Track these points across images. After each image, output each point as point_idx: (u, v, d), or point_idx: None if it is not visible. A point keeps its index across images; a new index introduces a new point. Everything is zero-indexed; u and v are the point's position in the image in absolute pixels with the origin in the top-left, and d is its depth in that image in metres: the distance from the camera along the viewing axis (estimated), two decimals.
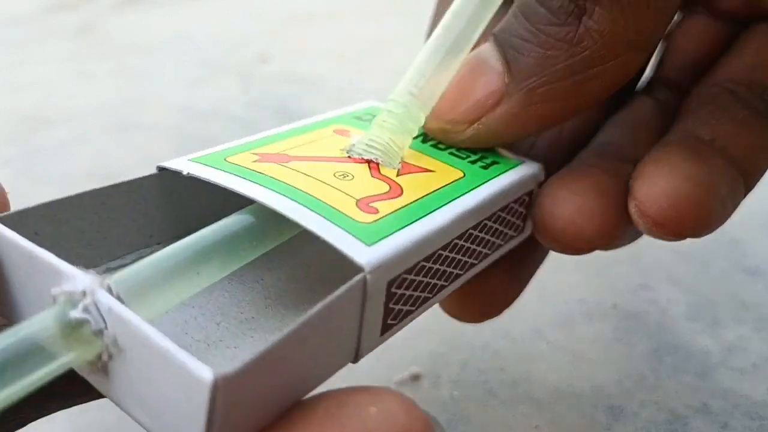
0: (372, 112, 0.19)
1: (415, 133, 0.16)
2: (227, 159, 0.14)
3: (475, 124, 0.16)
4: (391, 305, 0.13)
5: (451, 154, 0.17)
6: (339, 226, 0.12)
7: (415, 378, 0.25)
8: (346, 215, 0.13)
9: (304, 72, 0.54)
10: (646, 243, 0.34)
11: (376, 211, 0.13)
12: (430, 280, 0.14)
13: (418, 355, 0.26)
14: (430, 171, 0.15)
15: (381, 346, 0.25)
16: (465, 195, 0.15)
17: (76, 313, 0.10)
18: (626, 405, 0.24)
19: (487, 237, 0.16)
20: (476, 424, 0.23)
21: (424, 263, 0.13)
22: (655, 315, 0.29)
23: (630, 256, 0.32)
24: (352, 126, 0.17)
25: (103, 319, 0.10)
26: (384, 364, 0.26)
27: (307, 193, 0.13)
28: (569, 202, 0.16)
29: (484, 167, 0.16)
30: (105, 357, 0.10)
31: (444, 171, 0.16)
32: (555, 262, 0.32)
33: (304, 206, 0.13)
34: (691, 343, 0.27)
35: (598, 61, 0.15)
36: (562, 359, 0.26)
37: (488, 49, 0.16)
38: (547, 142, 0.19)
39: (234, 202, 0.13)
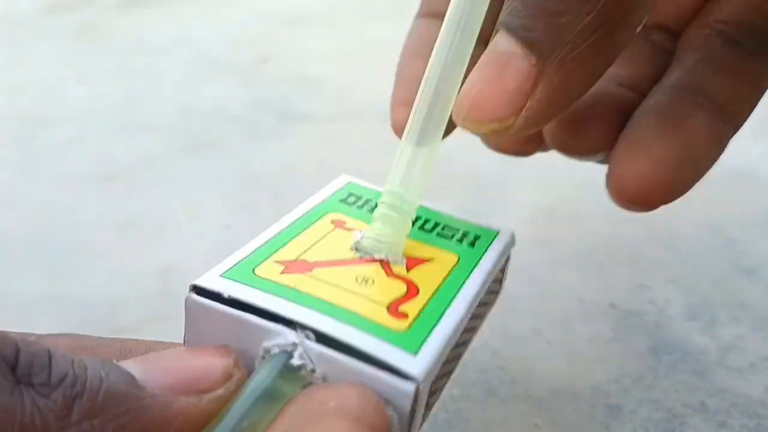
0: (354, 193, 0.20)
1: (411, 221, 0.17)
2: (255, 272, 0.15)
3: (522, 112, 0.16)
4: (430, 400, 0.14)
5: (438, 235, 0.18)
6: (384, 340, 0.14)
7: None
8: (384, 327, 0.14)
9: (304, 72, 0.54)
10: (646, 243, 0.34)
11: (406, 316, 0.15)
12: (451, 364, 0.16)
13: None
14: (430, 260, 0.17)
15: None
16: (468, 281, 0.16)
17: (295, 361, 0.13)
18: (624, 404, 0.24)
19: (484, 308, 0.18)
20: (476, 423, 0.24)
21: (450, 353, 0.15)
22: (654, 314, 0.29)
23: (629, 255, 0.33)
24: (346, 214, 0.18)
25: (311, 361, 0.13)
26: None
27: (342, 307, 0.14)
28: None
29: (471, 245, 0.18)
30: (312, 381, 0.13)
31: (441, 258, 0.17)
32: (555, 262, 0.32)
33: (348, 324, 0.14)
34: (689, 342, 0.27)
35: (614, 10, 0.15)
36: (561, 358, 0.26)
37: (501, 40, 0.16)
38: None
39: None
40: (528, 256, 0.32)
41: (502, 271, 0.19)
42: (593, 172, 0.40)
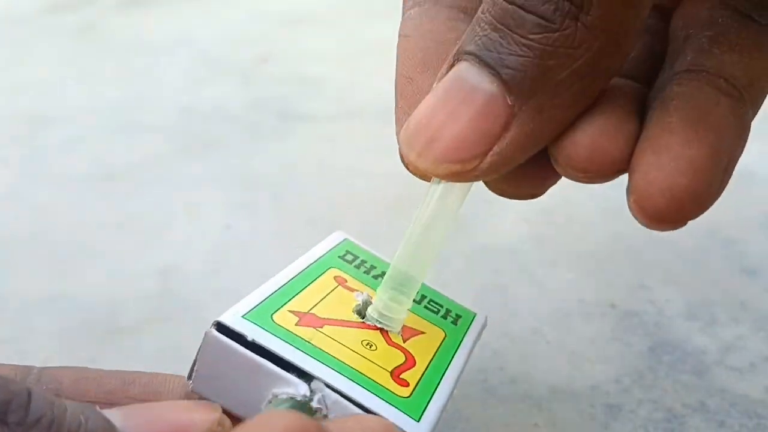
0: (351, 251, 0.21)
1: (412, 301, 0.18)
2: (273, 318, 0.16)
3: (488, 157, 0.14)
4: None
5: (425, 308, 0.20)
6: (391, 404, 0.15)
7: None
8: (390, 391, 0.16)
9: (304, 72, 0.54)
10: (645, 242, 0.34)
11: (407, 384, 0.16)
12: None
13: None
14: (423, 333, 0.18)
15: None
16: (455, 355, 0.18)
17: (314, 404, 0.15)
18: (624, 403, 0.24)
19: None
20: (476, 422, 0.24)
21: None
22: (653, 314, 0.29)
23: (628, 255, 0.33)
24: (346, 273, 0.20)
25: (326, 407, 0.15)
26: None
27: (354, 368, 0.16)
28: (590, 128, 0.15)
29: (454, 323, 0.20)
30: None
31: (431, 332, 0.19)
32: (554, 262, 0.32)
33: (359, 384, 0.15)
34: (689, 342, 0.27)
35: (604, 57, 0.14)
36: (560, 358, 0.26)
37: (472, 71, 0.14)
38: None
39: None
40: (528, 256, 0.32)
41: (475, 344, 0.21)
42: None
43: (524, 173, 0.17)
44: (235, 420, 0.15)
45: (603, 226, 0.35)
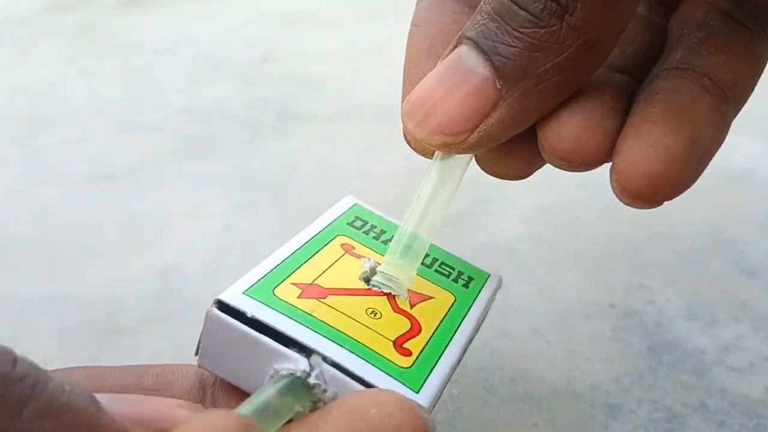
0: (360, 217, 0.21)
1: (420, 263, 0.18)
2: (275, 292, 0.16)
3: (475, 132, 0.16)
4: None
5: (436, 272, 0.19)
6: (391, 376, 0.15)
7: None
8: (391, 362, 0.16)
9: (304, 72, 0.54)
10: (644, 242, 0.34)
11: (410, 353, 0.16)
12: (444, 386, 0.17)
13: None
14: (431, 298, 0.18)
15: None
16: (463, 322, 0.18)
17: (312, 380, 0.15)
18: (624, 403, 0.24)
19: (471, 342, 0.19)
20: (475, 422, 0.24)
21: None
22: (653, 314, 0.29)
23: (628, 255, 0.33)
24: (355, 239, 0.19)
25: (325, 382, 0.15)
26: None
27: (355, 339, 0.16)
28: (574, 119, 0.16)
29: (465, 286, 0.19)
30: (320, 404, 0.15)
31: (440, 296, 0.18)
32: (554, 262, 0.32)
33: (360, 356, 0.15)
34: (689, 342, 0.27)
35: (585, 54, 0.15)
36: (560, 358, 0.26)
37: (470, 55, 0.16)
38: None
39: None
40: (527, 256, 0.33)
41: (488, 308, 0.21)
42: (592, 172, 0.40)
43: (512, 155, 0.18)
44: (244, 395, 0.15)
45: (603, 226, 0.35)
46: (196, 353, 0.16)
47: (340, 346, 0.15)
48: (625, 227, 0.35)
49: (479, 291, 0.20)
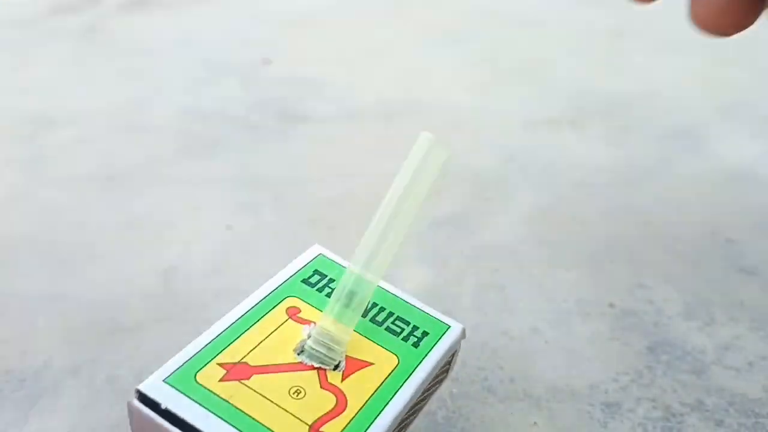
0: (320, 270, 0.20)
1: (360, 315, 0.18)
2: (197, 378, 0.16)
3: None
4: None
5: (387, 329, 0.19)
6: None
7: None
8: None
9: (305, 74, 0.54)
10: (644, 243, 0.34)
11: None
12: None
13: None
14: (371, 364, 0.17)
15: None
16: (403, 387, 0.17)
17: None
18: (622, 402, 0.24)
19: (423, 401, 0.19)
20: (475, 421, 0.24)
21: None
22: (652, 314, 0.29)
23: (627, 255, 0.33)
24: (303, 300, 0.19)
25: None
26: None
27: (268, 429, 0.16)
28: None
29: (416, 343, 0.18)
30: None
31: (381, 360, 0.18)
32: (553, 262, 0.32)
33: None
34: (687, 341, 0.27)
35: None
36: (559, 357, 0.26)
37: None
38: None
39: None
40: (527, 255, 0.33)
41: (450, 362, 0.20)
42: (592, 173, 0.40)
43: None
44: None
45: (602, 226, 0.35)
46: None
47: None
48: (625, 227, 0.35)
49: (431, 348, 0.18)
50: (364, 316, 0.19)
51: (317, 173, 0.40)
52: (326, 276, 0.20)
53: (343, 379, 0.17)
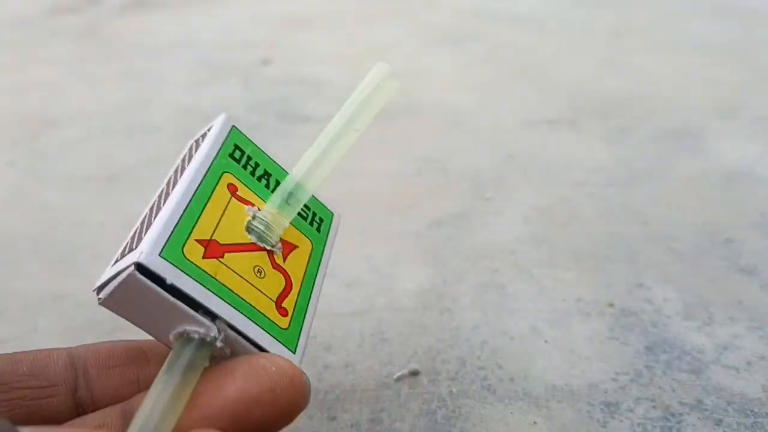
0: (240, 146, 0.22)
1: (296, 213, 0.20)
2: (184, 253, 0.18)
3: None
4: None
5: (299, 214, 0.21)
6: (276, 339, 0.18)
7: (414, 374, 0.25)
8: (275, 324, 0.18)
9: (305, 74, 0.54)
10: (643, 242, 0.34)
11: (286, 313, 0.19)
12: None
13: (417, 352, 0.27)
14: (296, 247, 0.20)
15: (381, 343, 0.26)
16: (319, 268, 0.21)
17: (218, 343, 0.17)
18: (622, 401, 0.25)
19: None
20: (474, 420, 0.24)
21: None
22: (651, 313, 0.29)
23: (626, 255, 0.33)
24: (239, 179, 0.21)
25: (225, 342, 0.17)
26: (383, 360, 0.26)
27: (249, 303, 0.18)
28: None
29: (318, 228, 0.22)
30: (216, 359, 0.17)
31: (302, 244, 0.21)
32: (553, 262, 0.32)
33: (254, 322, 0.18)
34: (686, 340, 0.27)
35: None
36: (558, 356, 0.27)
37: None
38: None
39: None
40: (526, 255, 0.33)
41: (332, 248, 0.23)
42: (591, 173, 0.40)
43: None
44: (119, 368, 0.18)
45: (601, 226, 0.35)
46: (98, 292, 0.17)
47: (239, 311, 0.17)
48: (624, 227, 0.35)
49: (328, 233, 0.22)
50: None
51: None
52: (245, 153, 0.22)
53: (284, 260, 0.20)
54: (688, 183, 0.39)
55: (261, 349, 0.17)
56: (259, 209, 0.20)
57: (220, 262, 0.18)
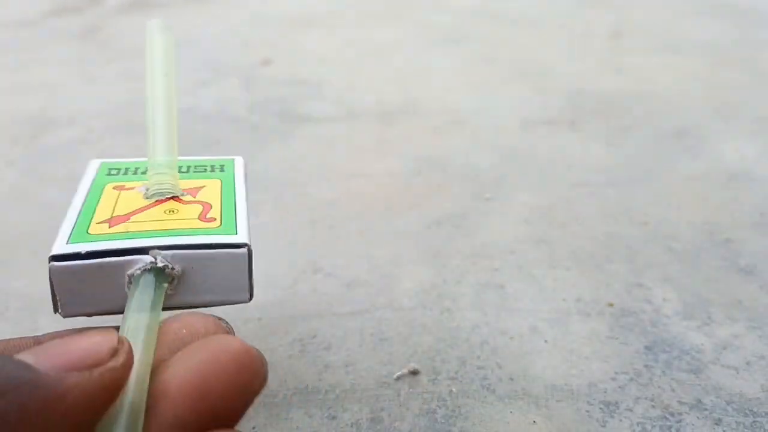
0: (113, 167, 0.23)
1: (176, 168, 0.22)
2: (90, 232, 0.19)
3: None
4: (251, 258, 0.19)
5: (195, 172, 0.22)
6: (212, 234, 0.19)
7: (414, 374, 0.26)
8: (205, 229, 0.19)
9: (305, 74, 0.54)
10: (642, 242, 0.34)
11: (214, 219, 0.20)
12: None
13: (416, 352, 0.27)
14: (204, 186, 0.22)
15: (381, 343, 0.26)
16: (236, 185, 0.22)
17: (159, 263, 0.17)
18: (621, 401, 0.25)
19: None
20: (474, 419, 0.24)
21: None
22: (650, 313, 0.29)
23: (626, 255, 0.33)
24: (122, 181, 0.22)
25: (170, 263, 0.18)
26: (383, 360, 0.26)
27: (171, 229, 0.19)
28: None
29: (222, 170, 0.23)
30: (175, 282, 0.18)
31: (209, 183, 0.22)
32: (552, 261, 0.33)
33: (183, 234, 0.18)
34: (685, 340, 0.27)
35: None
36: (558, 356, 0.27)
37: None
38: None
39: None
40: (526, 255, 0.33)
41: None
42: (591, 173, 0.40)
43: None
44: None
45: (601, 226, 0.35)
46: (55, 310, 0.18)
47: (164, 236, 0.18)
48: (623, 227, 0.35)
49: (234, 170, 0.23)
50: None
51: (317, 173, 0.40)
52: (121, 169, 0.23)
53: (194, 197, 0.21)
54: (687, 183, 0.39)
55: (199, 246, 0.18)
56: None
57: (129, 222, 0.19)
